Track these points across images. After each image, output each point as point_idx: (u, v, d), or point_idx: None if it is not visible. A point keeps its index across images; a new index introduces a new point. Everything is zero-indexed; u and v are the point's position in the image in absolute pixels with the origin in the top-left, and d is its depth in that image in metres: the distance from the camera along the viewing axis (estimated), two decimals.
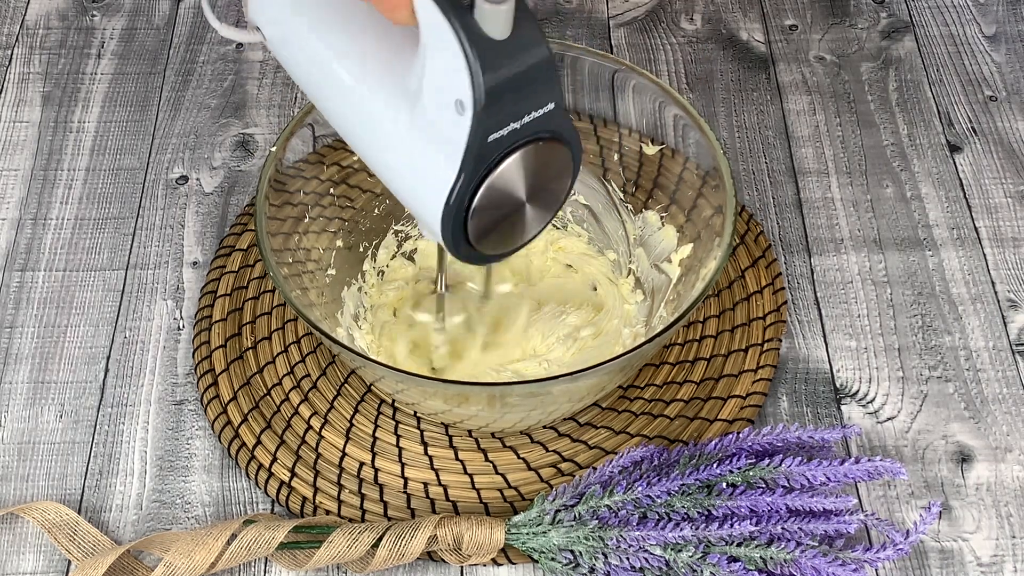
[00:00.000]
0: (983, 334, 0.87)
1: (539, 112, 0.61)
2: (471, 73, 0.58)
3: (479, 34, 0.58)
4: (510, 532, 0.74)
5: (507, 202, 0.64)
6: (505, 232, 0.66)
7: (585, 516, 0.73)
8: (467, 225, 0.64)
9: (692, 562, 0.71)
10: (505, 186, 0.63)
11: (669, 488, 0.72)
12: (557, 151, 0.64)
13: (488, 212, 0.64)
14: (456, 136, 0.60)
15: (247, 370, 0.84)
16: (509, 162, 0.62)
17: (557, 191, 0.66)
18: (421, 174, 0.64)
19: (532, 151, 0.62)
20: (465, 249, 0.66)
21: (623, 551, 0.72)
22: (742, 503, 0.72)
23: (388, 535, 0.73)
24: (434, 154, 0.62)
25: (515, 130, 0.61)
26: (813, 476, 0.73)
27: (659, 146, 0.85)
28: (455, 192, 0.62)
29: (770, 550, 0.71)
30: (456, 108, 0.60)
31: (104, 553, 0.74)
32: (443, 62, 0.59)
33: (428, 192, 0.63)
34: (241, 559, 0.73)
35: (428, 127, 0.62)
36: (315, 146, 0.83)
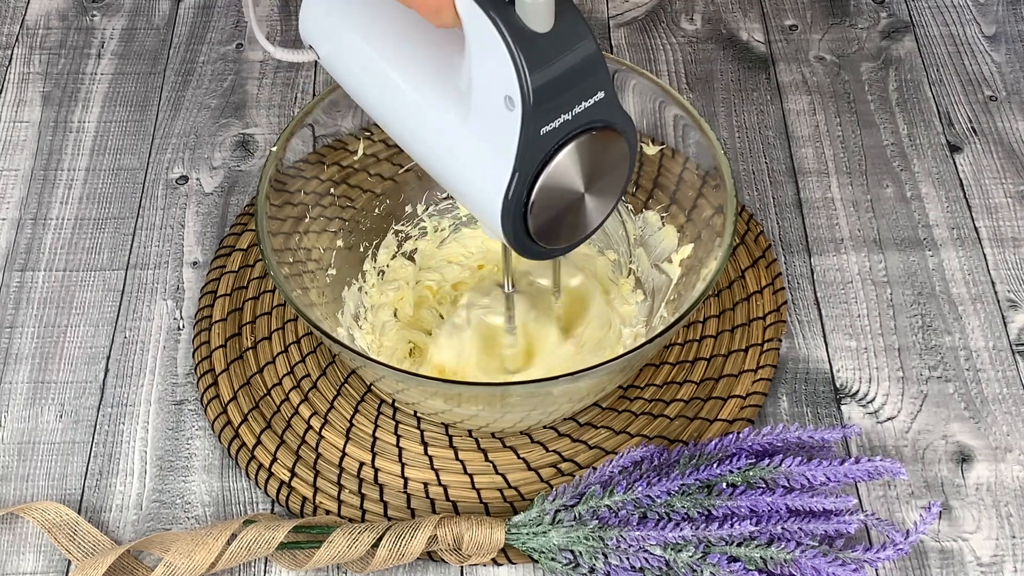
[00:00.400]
0: (983, 334, 0.87)
1: (589, 102, 0.61)
2: (517, 68, 0.58)
3: (522, 28, 0.58)
4: (510, 532, 0.74)
5: (566, 194, 0.64)
6: (567, 225, 0.66)
7: (585, 516, 0.73)
8: (527, 221, 0.64)
9: (692, 562, 0.71)
10: (562, 179, 0.63)
11: (669, 488, 0.72)
12: (612, 139, 0.64)
13: (547, 206, 0.64)
14: (508, 132, 0.60)
15: (247, 370, 0.84)
16: (563, 154, 0.62)
17: (616, 180, 0.66)
18: (477, 174, 0.64)
19: (586, 142, 0.62)
20: (528, 245, 0.65)
21: (623, 551, 0.72)
22: (742, 503, 0.72)
23: (388, 535, 0.73)
24: (489, 152, 0.62)
25: (567, 121, 0.61)
26: (813, 476, 0.73)
27: (659, 146, 0.85)
28: (512, 188, 0.62)
29: (770, 550, 0.71)
30: (506, 104, 0.60)
31: (104, 553, 0.74)
32: (489, 60, 0.59)
33: (486, 191, 0.63)
34: (241, 559, 0.73)
35: (480, 126, 0.62)
36: (315, 146, 0.83)
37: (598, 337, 0.83)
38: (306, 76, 1.04)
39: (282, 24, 1.08)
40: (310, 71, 1.04)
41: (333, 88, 0.81)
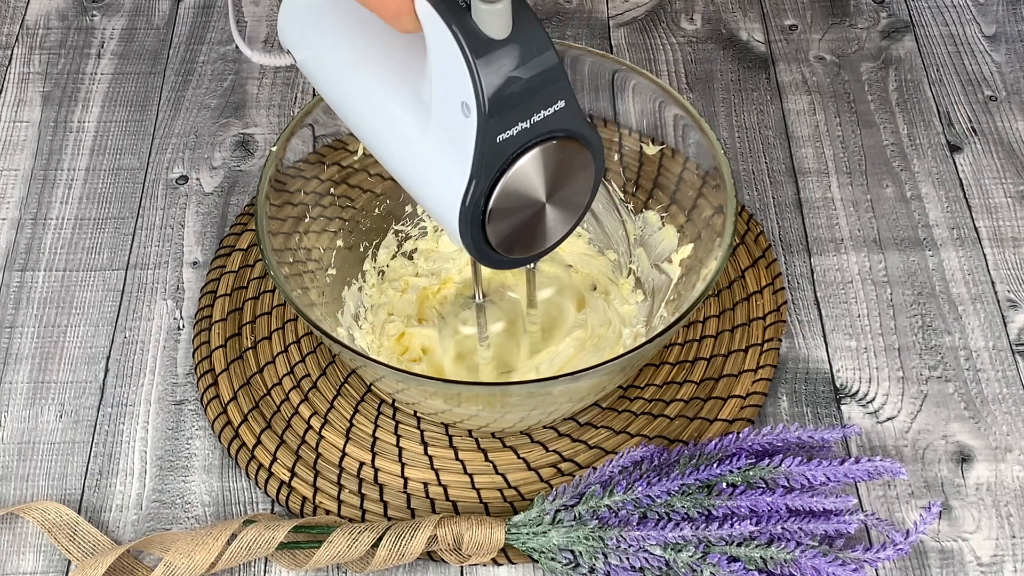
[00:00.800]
0: (983, 334, 0.87)
1: (549, 111, 0.61)
2: (472, 74, 0.58)
3: (478, 35, 0.58)
4: (510, 532, 0.74)
5: (526, 204, 0.64)
6: (528, 235, 0.66)
7: (585, 516, 0.73)
8: (485, 229, 0.63)
9: (692, 562, 0.71)
10: (521, 187, 0.63)
11: (669, 488, 0.72)
12: (574, 150, 0.63)
13: (507, 214, 0.63)
14: (466, 139, 0.60)
15: (247, 370, 0.84)
16: (522, 162, 0.62)
17: (580, 191, 0.66)
18: (438, 179, 0.64)
19: (546, 150, 0.62)
20: (488, 254, 0.65)
21: (623, 551, 0.72)
22: (742, 503, 0.72)
23: (388, 535, 0.73)
24: (448, 158, 0.62)
25: (525, 129, 0.61)
26: (813, 476, 0.73)
27: (659, 146, 0.85)
28: (469, 195, 0.62)
29: (770, 550, 0.71)
30: (463, 110, 0.60)
31: (104, 553, 0.74)
32: (447, 66, 0.59)
33: (445, 197, 0.63)
34: (241, 559, 0.73)
35: (440, 132, 0.62)
36: (315, 146, 0.83)
37: (573, 353, 0.83)
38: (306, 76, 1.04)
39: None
40: None
41: None
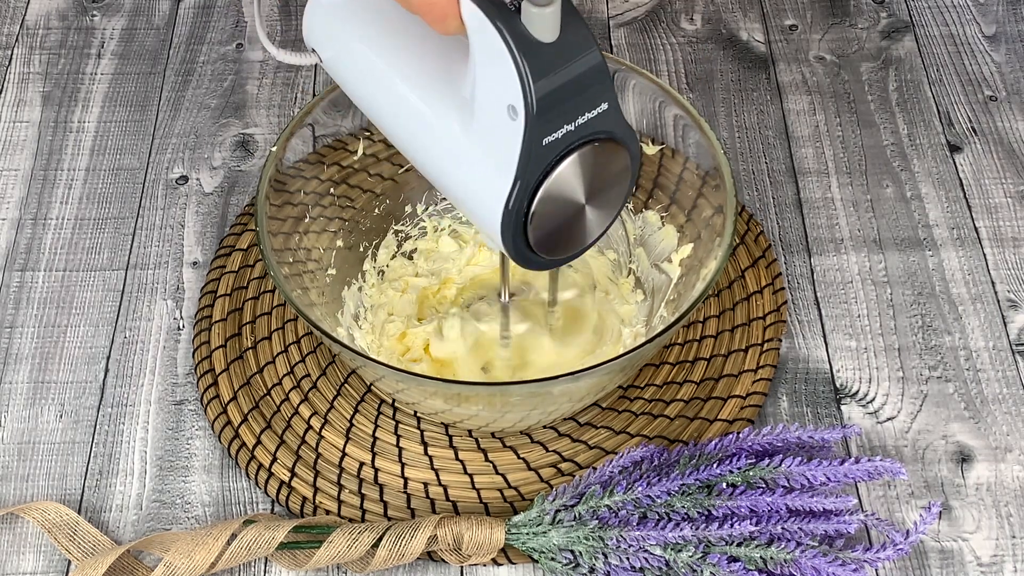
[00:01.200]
0: (983, 334, 0.87)
1: (593, 113, 0.61)
2: (521, 78, 0.58)
3: (527, 38, 0.58)
4: (510, 532, 0.74)
5: (566, 206, 0.64)
6: (567, 236, 0.66)
7: (585, 516, 0.73)
8: (527, 231, 0.63)
9: (692, 562, 0.71)
10: (563, 190, 0.63)
11: (669, 488, 0.72)
12: (614, 151, 0.63)
13: (548, 217, 0.63)
14: (510, 142, 0.60)
15: (247, 370, 0.84)
16: (565, 165, 0.62)
17: (617, 191, 0.66)
18: (478, 182, 0.63)
19: (588, 153, 0.62)
20: (528, 256, 0.65)
21: (623, 551, 0.72)
22: (742, 503, 0.72)
23: (388, 535, 0.73)
24: (490, 161, 0.62)
25: (569, 132, 0.61)
26: (813, 476, 0.73)
27: (659, 146, 0.85)
28: (513, 198, 0.62)
29: (770, 550, 0.71)
30: (509, 113, 0.59)
31: (104, 553, 0.74)
32: (493, 68, 0.59)
33: (486, 200, 0.63)
34: (241, 559, 0.73)
35: (483, 135, 0.62)
36: (315, 146, 0.83)
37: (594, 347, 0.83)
38: (306, 76, 1.04)
39: (282, 24, 1.08)
40: (310, 71, 1.04)
41: (333, 88, 0.81)
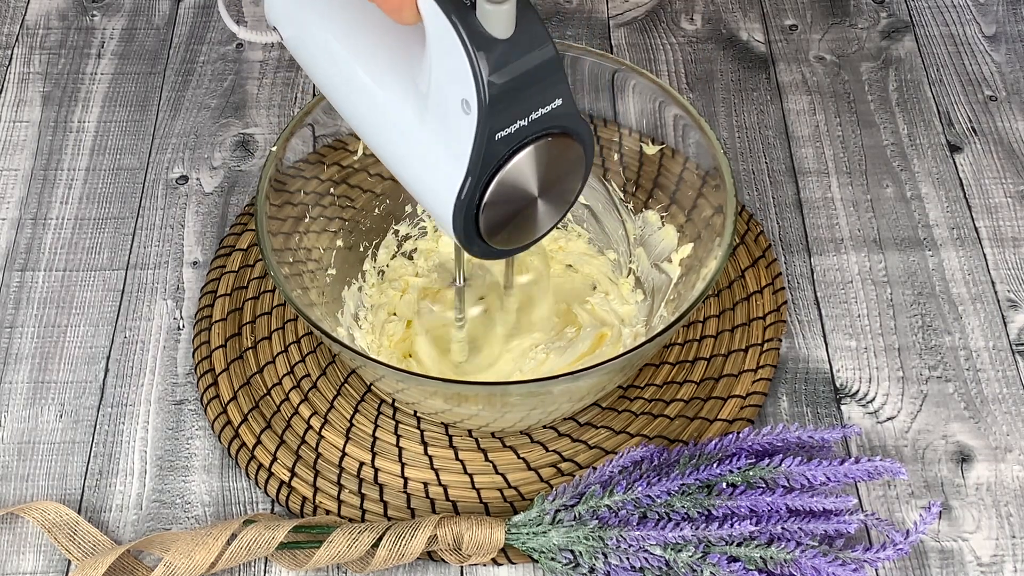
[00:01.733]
0: (983, 334, 0.87)
1: (547, 108, 0.61)
2: (475, 73, 0.58)
3: (481, 33, 0.58)
4: (510, 532, 0.74)
5: (518, 198, 0.64)
6: (518, 227, 0.66)
7: (585, 516, 0.73)
8: (479, 221, 0.64)
9: (692, 562, 0.71)
10: (515, 182, 0.63)
11: (669, 488, 0.72)
12: (567, 146, 0.64)
13: (499, 208, 0.64)
14: (464, 135, 0.61)
15: (247, 370, 0.84)
16: (518, 159, 0.62)
17: (569, 186, 0.66)
18: (432, 172, 0.64)
19: (541, 147, 0.63)
20: (478, 245, 0.66)
21: (623, 551, 0.72)
22: (742, 503, 0.72)
23: (388, 535, 0.73)
24: (444, 152, 0.62)
25: (523, 127, 0.61)
26: (813, 476, 0.73)
27: (659, 146, 0.85)
28: (465, 189, 0.62)
29: (770, 550, 0.71)
30: (463, 107, 0.60)
31: (104, 553, 0.74)
32: (448, 62, 0.59)
33: (439, 190, 0.64)
34: (241, 559, 0.73)
35: (437, 126, 0.63)
36: (315, 146, 0.83)
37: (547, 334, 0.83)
38: (306, 76, 1.04)
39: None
40: None
41: None
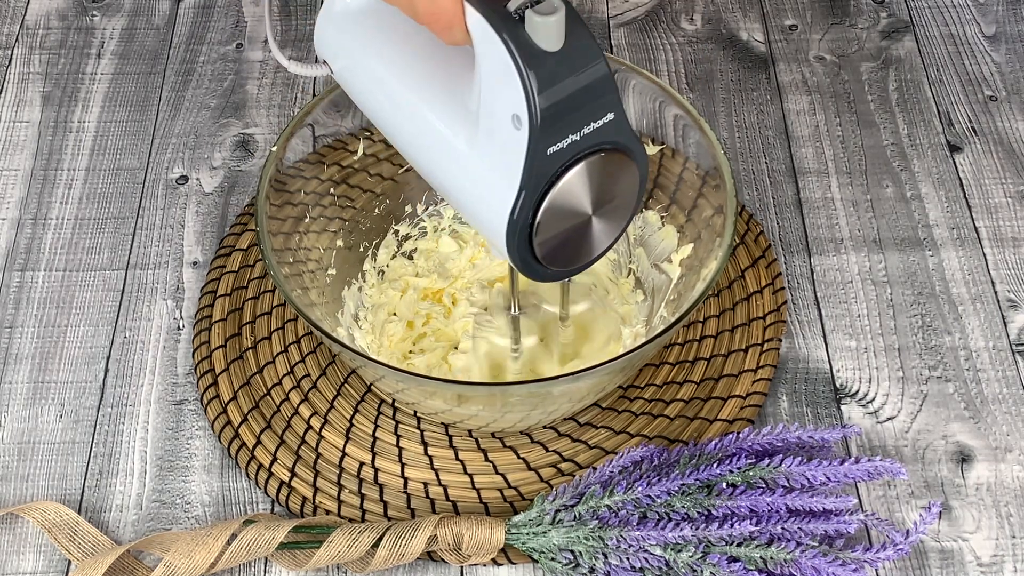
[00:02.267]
0: (983, 334, 0.87)
1: (598, 123, 0.61)
2: (525, 87, 0.58)
3: (531, 46, 0.58)
4: (510, 532, 0.74)
5: (572, 216, 0.63)
6: (573, 248, 0.65)
7: (585, 516, 0.73)
8: (532, 242, 0.63)
9: (692, 562, 0.71)
10: (568, 200, 0.62)
11: (669, 488, 0.72)
12: (620, 162, 0.63)
13: (553, 227, 0.63)
14: (515, 151, 0.60)
15: (247, 370, 0.84)
16: (570, 175, 0.61)
17: (624, 203, 0.65)
18: (484, 192, 0.63)
19: (594, 163, 0.62)
20: (534, 267, 0.65)
21: (623, 551, 0.72)
22: (742, 503, 0.72)
23: (388, 535, 0.73)
24: (495, 171, 0.62)
25: (574, 142, 0.61)
26: (813, 476, 0.73)
27: (659, 146, 0.85)
28: (518, 208, 0.61)
29: (770, 550, 0.71)
30: (513, 123, 0.59)
31: (104, 553, 0.74)
32: (498, 78, 0.59)
33: (492, 210, 0.63)
34: (241, 559, 0.73)
35: (488, 145, 0.62)
36: (315, 146, 0.83)
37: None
38: (306, 76, 1.04)
39: (282, 24, 1.08)
40: None
41: (333, 88, 0.81)
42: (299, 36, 1.07)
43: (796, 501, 0.72)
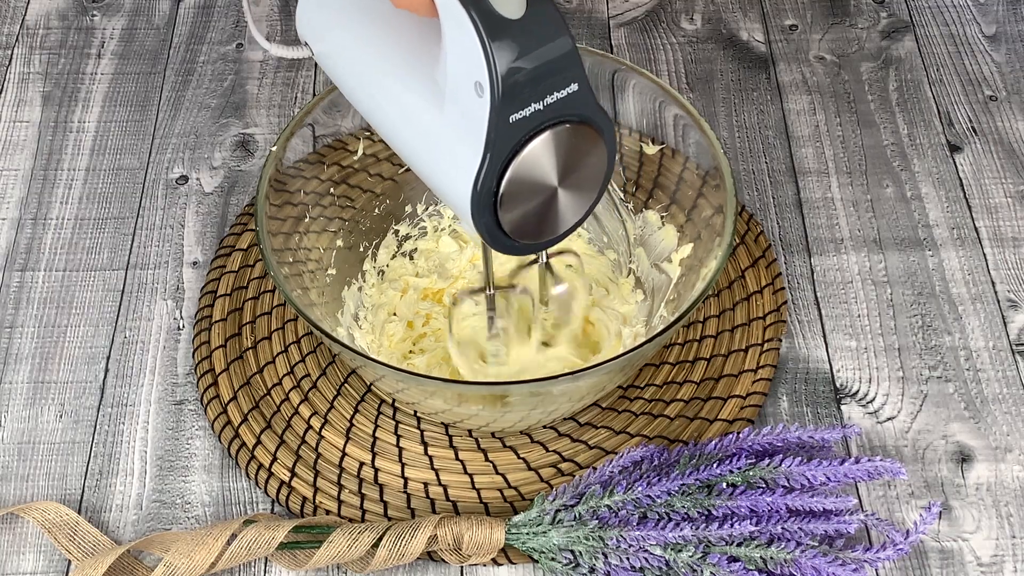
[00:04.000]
0: (983, 334, 0.87)
1: (562, 93, 0.61)
2: (485, 52, 0.58)
3: (492, 13, 0.58)
4: (510, 532, 0.74)
5: (537, 188, 0.64)
6: (540, 220, 0.65)
7: (585, 516, 0.73)
8: (498, 212, 0.63)
9: (692, 562, 0.71)
10: (533, 170, 0.63)
11: (669, 488, 0.72)
12: (587, 135, 0.63)
13: (519, 198, 0.63)
14: (478, 119, 0.60)
15: (247, 370, 0.84)
16: (534, 144, 0.62)
17: (593, 178, 0.65)
18: (450, 162, 0.64)
19: (559, 134, 0.62)
20: (500, 239, 0.65)
21: (623, 551, 0.72)
22: (742, 503, 0.72)
23: (388, 535, 0.73)
24: (461, 141, 0.62)
25: (538, 111, 0.61)
26: (813, 476, 0.73)
27: (659, 146, 0.85)
28: (481, 176, 0.62)
29: (770, 550, 0.71)
30: (476, 90, 0.60)
31: (104, 553, 0.74)
32: (461, 46, 0.59)
33: (457, 179, 0.63)
34: (241, 559, 0.73)
35: (454, 115, 0.62)
36: (315, 146, 0.83)
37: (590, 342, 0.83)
38: (306, 76, 1.04)
39: (282, 24, 1.08)
40: (310, 71, 1.04)
41: (333, 88, 0.81)
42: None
43: (796, 501, 0.72)
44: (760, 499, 0.72)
